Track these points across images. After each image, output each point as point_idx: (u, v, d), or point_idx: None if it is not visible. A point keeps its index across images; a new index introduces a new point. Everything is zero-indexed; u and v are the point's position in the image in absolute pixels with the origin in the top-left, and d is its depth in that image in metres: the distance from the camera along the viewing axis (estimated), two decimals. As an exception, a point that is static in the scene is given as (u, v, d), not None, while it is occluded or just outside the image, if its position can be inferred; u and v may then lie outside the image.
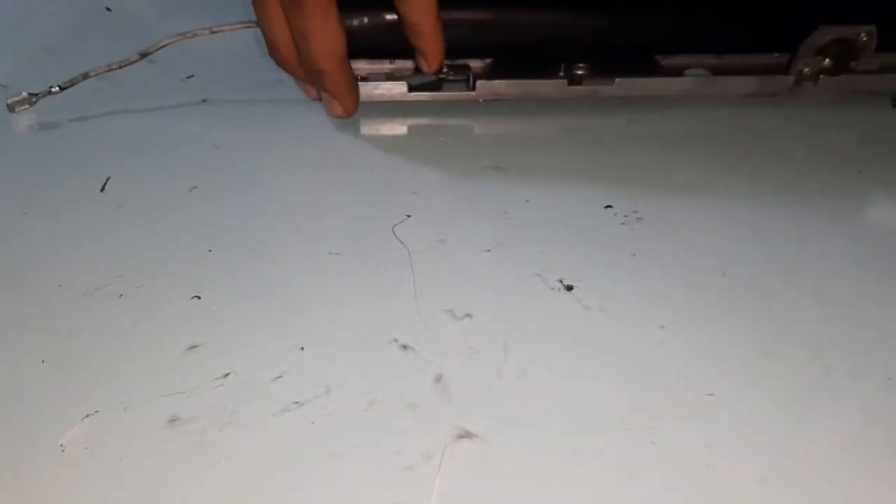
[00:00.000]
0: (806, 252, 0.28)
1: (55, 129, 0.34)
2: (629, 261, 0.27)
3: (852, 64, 0.36)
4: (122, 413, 0.22)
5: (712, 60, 0.37)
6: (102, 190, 0.31)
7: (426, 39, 0.32)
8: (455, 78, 0.35)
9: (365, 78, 0.35)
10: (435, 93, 0.35)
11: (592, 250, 0.28)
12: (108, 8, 0.45)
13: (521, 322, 0.25)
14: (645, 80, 0.35)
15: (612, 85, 0.35)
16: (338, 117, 0.34)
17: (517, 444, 0.21)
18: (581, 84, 0.35)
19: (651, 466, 0.21)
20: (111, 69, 0.34)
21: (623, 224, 0.29)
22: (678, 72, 0.36)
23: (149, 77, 0.38)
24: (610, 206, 0.30)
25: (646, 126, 0.35)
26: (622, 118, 0.36)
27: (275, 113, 0.36)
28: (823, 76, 0.36)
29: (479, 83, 0.35)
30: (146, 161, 0.33)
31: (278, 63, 0.33)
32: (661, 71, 0.36)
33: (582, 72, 0.35)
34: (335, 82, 0.32)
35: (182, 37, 0.34)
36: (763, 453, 0.21)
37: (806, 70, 0.36)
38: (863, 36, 0.35)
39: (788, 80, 0.36)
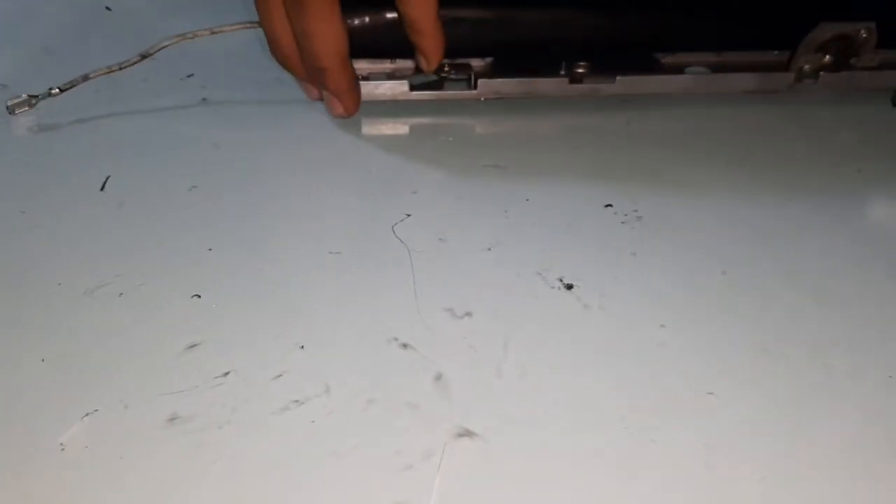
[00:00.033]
0: (806, 251, 0.28)
1: (55, 129, 0.34)
2: (629, 260, 0.27)
3: (852, 60, 0.36)
4: (122, 412, 0.22)
5: (713, 58, 0.37)
6: (102, 189, 0.31)
7: (426, 38, 0.32)
8: (456, 77, 0.35)
9: (366, 77, 0.35)
10: (436, 92, 0.35)
11: (592, 249, 0.28)
12: (108, 7, 0.45)
13: (521, 321, 0.25)
14: (646, 78, 0.35)
15: (614, 83, 0.35)
16: (338, 117, 0.34)
17: (517, 443, 0.21)
18: (582, 82, 0.35)
19: (651, 465, 0.21)
20: (111, 70, 0.34)
21: (623, 223, 0.29)
22: (679, 69, 0.36)
23: (149, 76, 0.38)
24: (610, 205, 0.30)
25: (646, 125, 0.35)
26: (622, 117, 0.36)
27: (275, 112, 0.36)
28: (823, 73, 0.36)
29: (481, 82, 0.35)
30: (146, 160, 0.33)
31: (280, 61, 0.33)
32: (662, 69, 0.36)
33: (583, 70, 0.35)
34: (337, 81, 0.32)
35: (182, 37, 0.34)
36: (763, 452, 0.21)
37: (806, 67, 0.36)
38: (863, 32, 0.35)
39: (789, 77, 0.36)
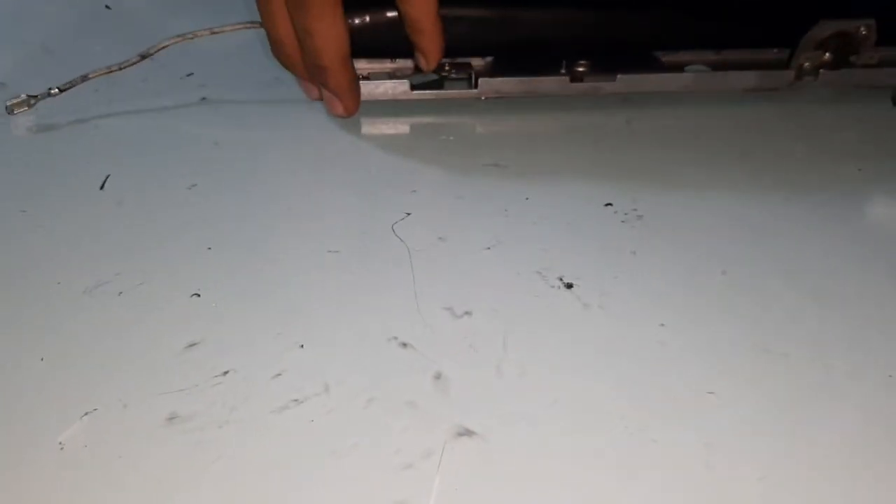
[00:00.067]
0: (806, 250, 0.28)
1: (54, 129, 0.34)
2: (629, 259, 0.27)
3: (852, 58, 0.36)
4: (122, 411, 0.22)
5: (712, 56, 0.37)
6: (102, 188, 0.31)
7: (425, 37, 0.32)
8: (457, 76, 0.35)
9: (366, 77, 0.35)
10: (437, 91, 0.35)
11: (592, 248, 0.28)
12: (108, 6, 0.45)
13: (521, 320, 0.25)
14: (646, 77, 0.35)
15: (614, 81, 0.35)
16: (338, 116, 0.34)
17: (517, 442, 0.21)
18: (582, 81, 0.35)
19: (651, 465, 0.21)
20: (111, 71, 0.34)
21: (623, 222, 0.29)
22: (679, 68, 0.36)
23: (148, 75, 0.38)
24: (610, 204, 0.30)
25: (646, 124, 0.35)
26: (623, 116, 0.36)
27: (275, 111, 0.36)
28: (823, 70, 0.36)
29: (482, 81, 0.35)
30: (146, 159, 0.33)
31: (281, 61, 0.33)
32: (662, 67, 0.36)
33: (583, 68, 0.35)
34: (337, 80, 0.32)
35: (182, 38, 0.34)
36: (763, 452, 0.21)
37: (806, 64, 0.36)
38: (862, 30, 0.35)
39: (789, 75, 0.36)
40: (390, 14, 0.32)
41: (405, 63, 0.35)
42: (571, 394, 0.23)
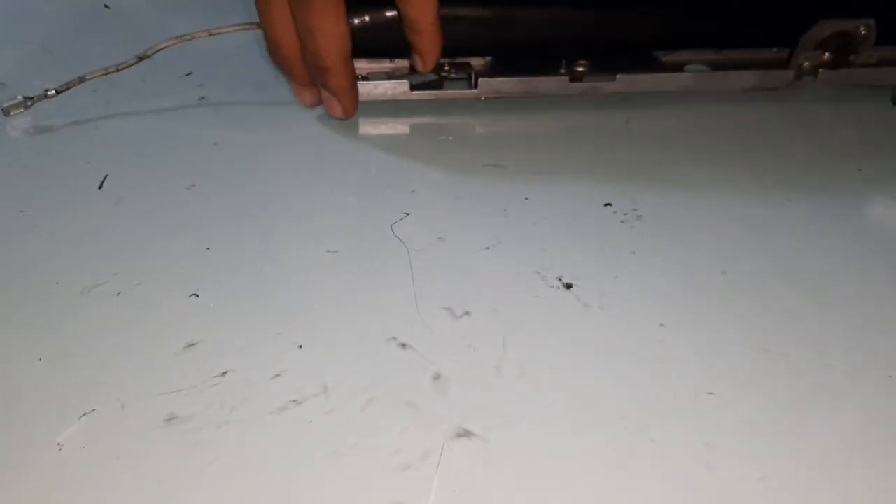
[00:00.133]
0: (806, 250, 0.28)
1: (52, 129, 0.34)
2: (629, 259, 0.27)
3: (851, 58, 0.36)
4: (120, 411, 0.22)
5: (712, 56, 0.37)
6: (100, 188, 0.31)
7: (424, 37, 0.32)
8: (457, 76, 0.35)
9: (365, 77, 0.34)
10: (436, 91, 0.35)
11: (592, 248, 0.28)
12: (107, 5, 0.45)
13: (521, 320, 0.25)
14: (646, 76, 0.35)
15: (614, 81, 0.35)
16: (337, 118, 0.34)
17: (516, 443, 0.21)
18: (582, 80, 0.35)
19: (650, 465, 0.21)
20: (108, 73, 0.34)
21: (623, 222, 0.29)
22: (678, 67, 0.36)
23: (147, 75, 0.38)
24: (609, 204, 0.30)
25: (645, 124, 0.35)
26: (622, 115, 0.36)
27: (274, 111, 0.36)
28: (823, 70, 0.36)
29: (481, 81, 0.35)
30: (144, 159, 0.33)
31: (278, 64, 0.33)
32: (662, 67, 0.36)
33: (583, 68, 0.35)
34: (338, 81, 0.32)
35: (180, 39, 0.34)
36: (763, 452, 0.21)
37: (805, 64, 0.36)
38: (862, 29, 0.35)
39: (788, 75, 0.36)
40: (389, 14, 0.32)
41: (403, 63, 0.35)
42: (571, 394, 0.22)
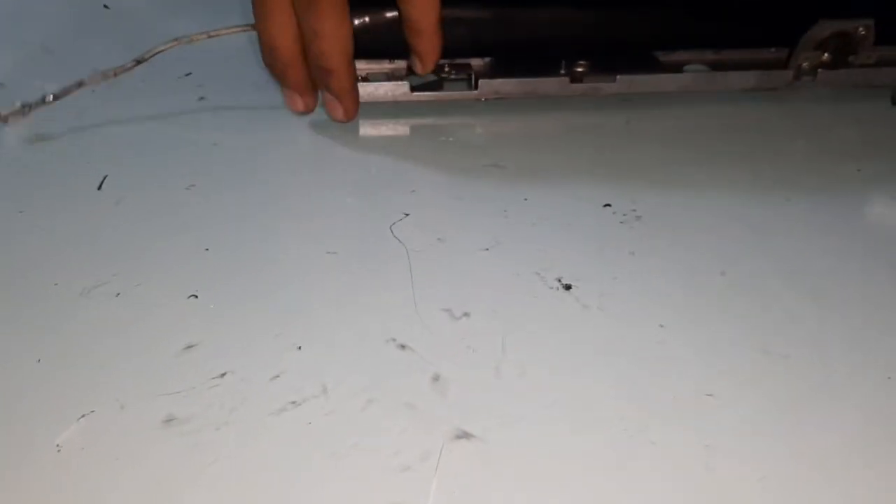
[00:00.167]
0: (806, 251, 0.28)
1: (51, 129, 0.34)
2: (628, 259, 0.27)
3: (851, 58, 0.36)
4: (119, 413, 0.22)
5: (711, 56, 0.37)
6: (100, 188, 0.31)
7: (424, 39, 0.32)
8: (457, 77, 0.35)
9: (365, 78, 0.34)
10: (437, 93, 0.35)
11: (591, 249, 0.28)
12: (106, 5, 0.45)
13: (520, 321, 0.25)
14: (646, 77, 0.35)
15: (614, 82, 0.35)
16: (338, 120, 0.34)
17: (515, 444, 0.21)
18: (582, 81, 0.35)
19: (650, 466, 0.21)
20: (106, 77, 0.34)
21: (622, 223, 0.29)
22: (678, 68, 0.36)
23: (146, 75, 0.38)
24: (609, 205, 0.30)
25: (645, 124, 0.35)
26: (622, 116, 0.36)
27: (273, 111, 0.36)
28: (822, 70, 0.36)
29: (481, 82, 0.35)
30: (143, 160, 0.33)
31: (273, 67, 0.32)
32: (661, 67, 0.36)
33: (582, 69, 0.35)
34: (341, 83, 0.32)
35: (178, 42, 0.34)
36: (762, 453, 0.21)
37: (805, 64, 0.36)
38: (861, 30, 0.35)
39: (787, 75, 0.36)
40: (389, 14, 0.32)
41: (402, 64, 0.35)
42: (570, 395, 0.22)
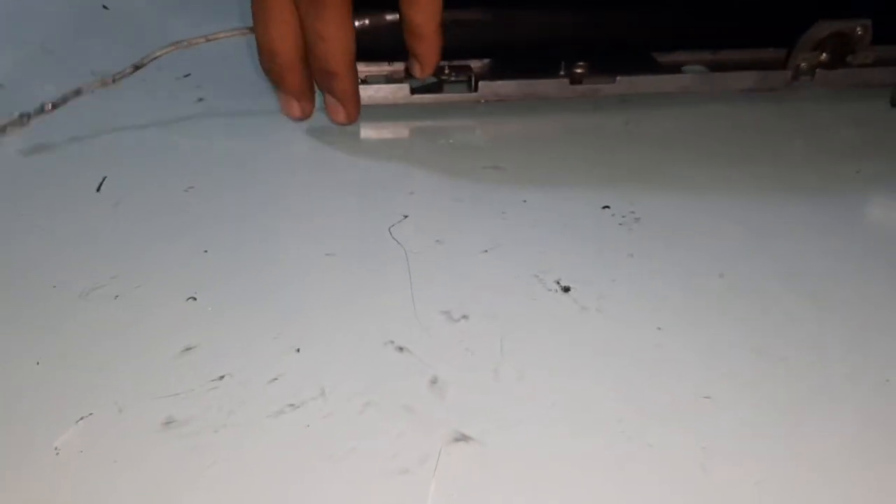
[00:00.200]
0: (805, 252, 0.28)
1: (50, 130, 0.34)
2: (627, 262, 0.27)
3: (848, 58, 0.36)
4: (117, 415, 0.22)
5: (709, 56, 0.37)
6: (98, 190, 0.31)
7: (425, 43, 0.31)
8: (456, 79, 0.35)
9: (364, 80, 0.34)
10: (437, 95, 0.35)
11: (590, 251, 0.28)
12: (105, 6, 0.45)
13: (518, 323, 0.25)
14: (645, 78, 0.35)
15: (614, 83, 0.35)
16: (340, 124, 0.34)
17: (514, 447, 0.21)
18: (582, 83, 0.35)
19: (648, 469, 0.21)
20: (105, 84, 0.33)
21: (621, 225, 0.29)
22: (676, 68, 0.36)
23: (145, 75, 0.38)
24: (608, 207, 0.30)
25: (643, 125, 0.35)
26: (621, 118, 0.36)
27: (272, 112, 0.36)
28: (820, 70, 0.36)
29: (481, 84, 0.35)
30: (142, 161, 0.33)
31: (272, 69, 0.32)
32: (660, 68, 0.36)
33: (582, 70, 0.35)
34: (344, 86, 0.32)
35: (176, 46, 0.34)
36: (760, 456, 0.21)
37: (803, 65, 0.36)
38: (858, 30, 0.35)
39: (786, 76, 0.36)
40: (389, 17, 0.32)
41: (402, 66, 0.35)
42: (568, 397, 0.22)
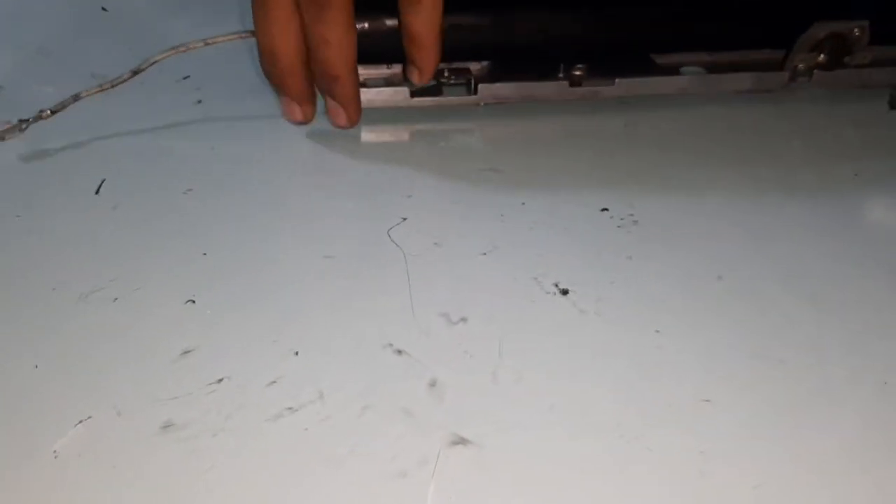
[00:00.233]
0: (803, 254, 0.28)
1: (49, 132, 0.34)
2: (625, 264, 0.27)
3: (846, 59, 0.36)
4: (116, 419, 0.22)
5: (707, 57, 0.37)
6: (97, 193, 0.31)
7: (425, 51, 0.31)
8: (456, 82, 0.35)
9: (364, 83, 0.34)
10: (436, 98, 0.35)
11: (589, 253, 0.28)
12: (104, 8, 0.45)
13: (517, 326, 0.25)
14: (644, 80, 0.35)
15: (613, 85, 0.35)
16: (341, 127, 0.34)
17: (512, 450, 0.21)
18: (581, 85, 0.35)
19: (646, 472, 0.21)
20: (103, 89, 0.33)
21: (619, 227, 0.29)
22: (674, 70, 0.36)
23: (144, 77, 0.38)
24: (606, 209, 0.30)
25: (642, 127, 0.35)
26: (619, 119, 0.36)
27: (271, 115, 0.36)
28: (817, 71, 0.36)
29: (481, 86, 0.35)
30: (141, 163, 0.33)
31: (273, 73, 0.32)
32: (658, 70, 0.36)
33: (580, 73, 0.35)
34: (346, 90, 0.32)
35: (175, 50, 0.34)
36: (759, 459, 0.21)
37: (800, 66, 0.36)
38: (856, 31, 0.35)
39: (783, 77, 0.36)
40: (390, 22, 0.32)
41: (400, 69, 0.35)
42: (567, 400, 0.22)
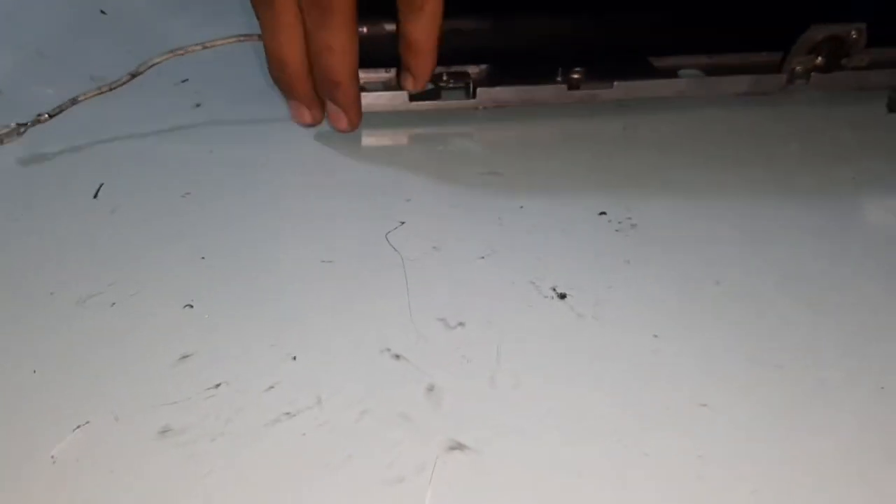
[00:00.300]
0: (800, 257, 0.28)
1: (47, 134, 0.34)
2: (623, 268, 0.27)
3: (843, 61, 0.36)
4: (114, 424, 0.22)
5: (705, 60, 0.37)
6: (95, 197, 0.31)
7: (422, 58, 0.31)
8: (454, 85, 0.35)
9: (363, 87, 0.34)
10: (435, 102, 0.35)
11: (587, 257, 0.28)
12: (103, 11, 0.45)
13: (515, 331, 0.25)
14: (642, 83, 0.35)
15: (611, 88, 0.35)
16: (342, 131, 0.34)
17: (510, 455, 0.21)
18: (579, 88, 0.35)
19: (644, 477, 0.21)
20: (101, 92, 0.33)
21: (617, 231, 0.29)
22: (672, 73, 0.36)
23: (143, 80, 0.38)
24: (604, 213, 0.30)
25: (640, 130, 0.35)
26: (618, 123, 0.36)
27: (269, 119, 0.36)
28: (815, 74, 0.36)
29: (480, 90, 0.35)
30: (139, 167, 0.33)
31: (280, 80, 0.32)
32: (657, 73, 0.36)
33: (579, 76, 0.35)
34: (347, 95, 0.32)
35: (173, 53, 0.34)
36: (756, 463, 0.21)
37: (798, 68, 0.36)
38: (853, 33, 0.35)
39: (781, 79, 0.36)
40: (388, 25, 0.32)
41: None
42: (565, 405, 0.22)
